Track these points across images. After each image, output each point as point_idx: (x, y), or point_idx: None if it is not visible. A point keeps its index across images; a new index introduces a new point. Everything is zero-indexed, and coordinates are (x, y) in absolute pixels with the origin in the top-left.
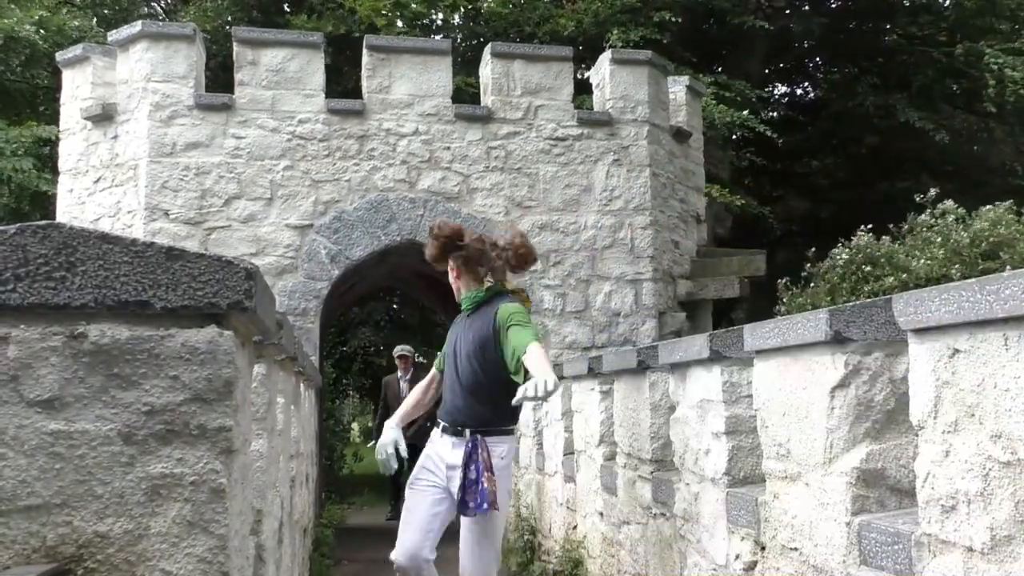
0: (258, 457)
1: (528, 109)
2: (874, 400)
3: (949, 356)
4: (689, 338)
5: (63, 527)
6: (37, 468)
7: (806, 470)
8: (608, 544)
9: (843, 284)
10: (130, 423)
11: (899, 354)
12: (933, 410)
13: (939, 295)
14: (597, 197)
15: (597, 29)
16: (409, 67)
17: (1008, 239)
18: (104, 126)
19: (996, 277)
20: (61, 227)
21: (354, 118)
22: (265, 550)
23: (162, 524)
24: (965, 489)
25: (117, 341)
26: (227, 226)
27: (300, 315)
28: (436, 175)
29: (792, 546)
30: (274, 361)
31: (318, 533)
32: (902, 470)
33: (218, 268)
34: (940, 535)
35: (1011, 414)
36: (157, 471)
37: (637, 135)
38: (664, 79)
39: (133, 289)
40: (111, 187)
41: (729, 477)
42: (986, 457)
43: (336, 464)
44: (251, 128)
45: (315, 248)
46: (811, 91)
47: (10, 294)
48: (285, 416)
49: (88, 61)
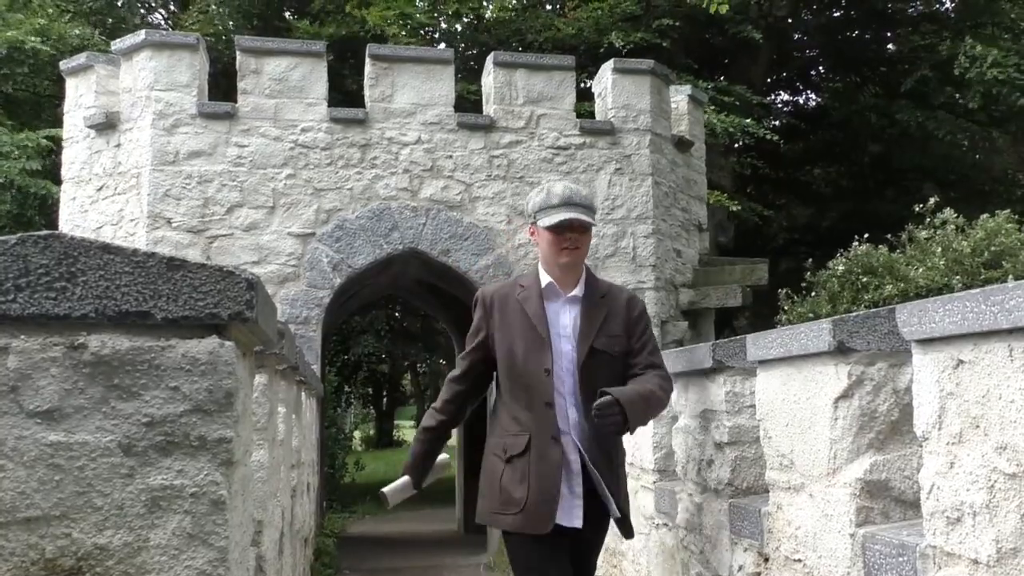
0: (259, 468)
1: (530, 118)
2: (878, 411)
3: (953, 367)
4: (692, 348)
5: (62, 539)
6: (36, 479)
7: (810, 481)
8: (610, 555)
9: (843, 293)
10: (130, 434)
11: (903, 364)
12: (937, 421)
13: (943, 305)
14: (599, 206)
15: (598, 37)
16: (411, 76)
17: (1010, 248)
18: (107, 134)
19: (1000, 288)
20: (62, 237)
21: (356, 127)
22: (266, 561)
23: (162, 536)
24: (970, 501)
25: (118, 352)
26: (229, 234)
27: (302, 323)
28: (438, 184)
29: (796, 557)
30: (275, 371)
31: (319, 543)
32: (906, 481)
33: (219, 278)
34: (945, 547)
35: (1016, 425)
36: (157, 483)
37: (639, 144)
38: (666, 88)
39: (134, 299)
40: (114, 195)
41: (732, 488)
42: (991, 469)
43: (338, 472)
44: (254, 137)
45: (317, 256)
46: (814, 99)
47: (11, 304)
48: (286, 426)
49: (91, 70)
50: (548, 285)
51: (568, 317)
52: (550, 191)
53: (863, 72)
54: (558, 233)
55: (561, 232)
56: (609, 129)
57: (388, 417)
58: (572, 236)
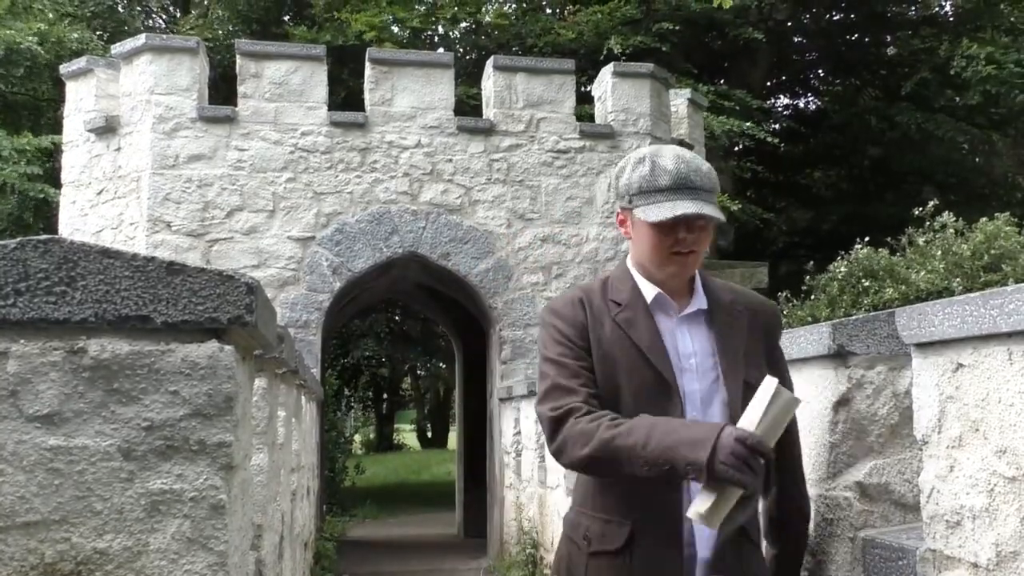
0: (258, 472)
1: (530, 122)
2: (877, 414)
3: (953, 370)
4: None
5: (62, 544)
6: (36, 484)
7: (809, 484)
8: None
9: (843, 296)
10: (130, 438)
11: (902, 368)
12: (937, 425)
13: (942, 309)
14: (599, 209)
15: (598, 41)
16: (411, 80)
17: (1010, 251)
18: (107, 138)
19: (1000, 291)
20: (62, 241)
21: (356, 130)
22: (265, 565)
23: (161, 541)
24: (970, 505)
25: (117, 356)
26: (229, 238)
27: (302, 327)
28: (438, 187)
29: None
30: (275, 375)
31: (319, 546)
32: (906, 484)
33: (219, 283)
34: (945, 551)
35: (1016, 429)
36: (156, 487)
37: (639, 148)
38: (666, 92)
39: (134, 304)
40: (114, 199)
41: None
42: (991, 472)
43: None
44: (254, 140)
45: (317, 260)
46: (813, 103)
47: (10, 309)
48: (286, 430)
49: (92, 73)
50: (657, 298)
51: (691, 343)
52: (656, 164)
53: (863, 75)
54: (667, 232)
55: (672, 230)
56: (609, 133)
57: (388, 421)
58: (687, 236)
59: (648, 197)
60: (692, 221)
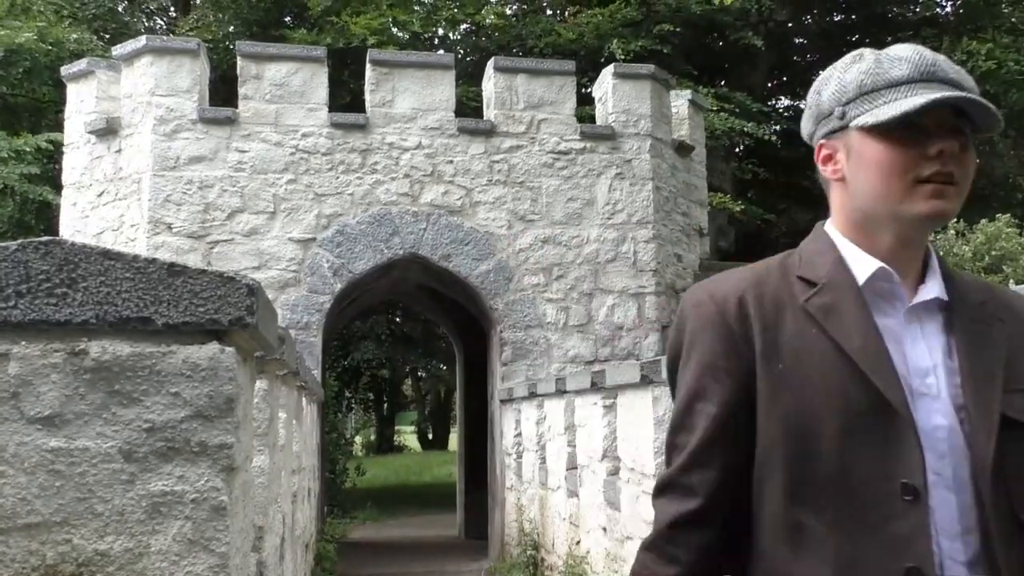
0: (259, 473)
1: (531, 123)
2: None
3: None
4: None
5: (63, 545)
6: (37, 486)
7: None
8: (611, 560)
9: None
10: (131, 440)
11: None
12: None
13: None
14: (600, 211)
15: (599, 42)
16: (412, 81)
17: (1011, 253)
18: (108, 140)
19: None
20: (63, 243)
21: (357, 132)
22: (266, 567)
23: (163, 542)
24: None
25: (118, 358)
26: (230, 240)
27: (303, 329)
28: (439, 189)
29: None
30: (276, 376)
31: (320, 548)
32: None
33: (220, 284)
34: None
35: None
36: (158, 488)
37: (640, 149)
38: (667, 93)
39: (135, 305)
40: (114, 201)
41: None
42: None
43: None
44: (254, 142)
45: (318, 262)
46: None
47: (11, 310)
48: (287, 431)
49: (92, 75)
50: (877, 276)
51: (927, 351)
52: (884, 55)
53: None
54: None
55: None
56: (610, 134)
57: (389, 422)
58: (947, 148)
59: (876, 98)
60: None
